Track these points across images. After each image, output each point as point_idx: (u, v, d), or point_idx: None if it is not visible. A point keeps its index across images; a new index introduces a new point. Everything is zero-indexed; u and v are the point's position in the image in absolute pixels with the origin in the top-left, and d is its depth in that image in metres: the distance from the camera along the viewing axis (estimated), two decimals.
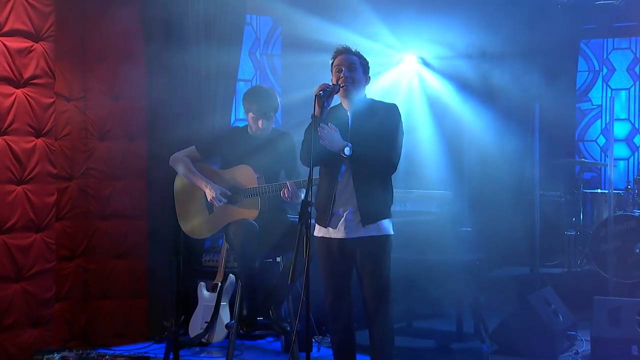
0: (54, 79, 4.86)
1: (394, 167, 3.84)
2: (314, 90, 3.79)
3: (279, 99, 4.80)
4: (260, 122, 4.66)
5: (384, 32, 6.72)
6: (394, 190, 3.97)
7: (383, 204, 3.86)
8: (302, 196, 4.40)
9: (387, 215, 3.87)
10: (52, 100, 4.84)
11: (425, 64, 7.08)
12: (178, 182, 4.87)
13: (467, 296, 5.50)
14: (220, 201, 4.63)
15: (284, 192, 4.43)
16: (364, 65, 3.92)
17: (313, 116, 3.69)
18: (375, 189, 3.82)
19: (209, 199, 4.66)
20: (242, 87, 6.60)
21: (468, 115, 7.04)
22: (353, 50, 3.91)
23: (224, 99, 5.85)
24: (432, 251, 5.46)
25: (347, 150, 3.73)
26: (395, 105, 3.92)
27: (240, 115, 6.67)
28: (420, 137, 6.75)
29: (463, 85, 7.01)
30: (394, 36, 6.85)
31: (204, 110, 5.71)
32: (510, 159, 7.04)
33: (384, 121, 3.83)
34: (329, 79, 3.95)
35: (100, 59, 5.48)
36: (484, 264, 5.76)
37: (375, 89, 6.01)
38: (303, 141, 3.85)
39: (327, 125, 3.74)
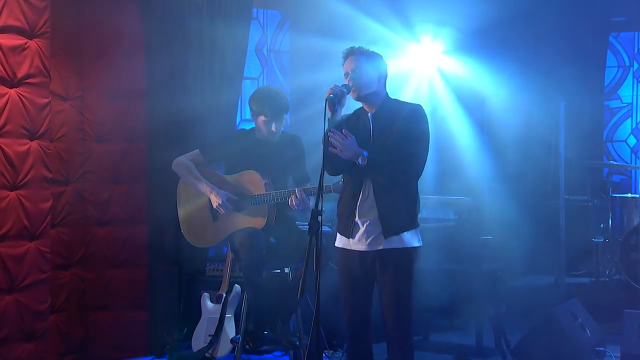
0: (49, 78, 4.85)
1: (417, 175, 3.81)
2: (325, 89, 3.79)
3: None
4: (273, 126, 4.66)
5: (400, 21, 6.69)
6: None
7: (407, 214, 3.81)
8: (312, 204, 4.43)
9: (411, 225, 3.83)
10: (48, 100, 4.84)
11: (445, 53, 7.03)
12: (181, 188, 4.89)
13: (487, 308, 5.52)
14: (225, 208, 4.64)
15: (291, 199, 4.43)
16: (371, 59, 3.87)
17: (326, 121, 3.66)
18: (398, 199, 3.78)
19: (214, 206, 4.67)
20: (248, 86, 6.66)
21: (488, 115, 7.02)
22: (355, 48, 3.89)
23: (229, 99, 5.87)
24: (450, 260, 5.50)
25: (360, 160, 3.71)
26: (420, 106, 3.88)
27: (246, 115, 6.70)
28: (441, 141, 6.73)
29: (483, 82, 6.98)
30: (411, 25, 6.81)
31: (207, 111, 5.72)
32: (533, 161, 7.02)
33: (408, 123, 3.77)
34: (342, 75, 3.94)
35: (98, 55, 5.49)
36: (505, 273, 5.78)
37: (392, 81, 6.02)
38: (323, 150, 3.79)
39: (342, 131, 3.70)
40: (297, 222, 4.91)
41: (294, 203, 4.43)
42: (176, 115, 5.60)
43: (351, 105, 3.94)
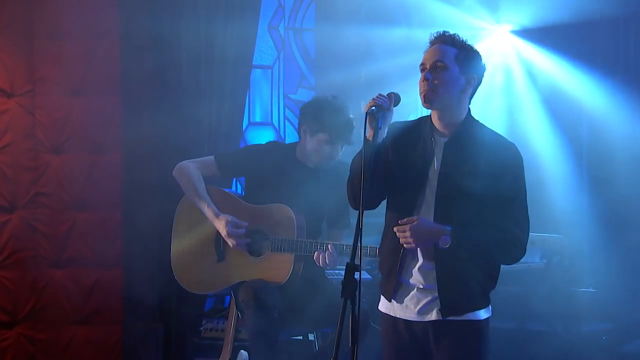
0: None
1: (523, 254, 3.65)
2: (365, 83, 3.69)
3: None
4: (338, 149, 4.64)
5: None
6: None
7: (480, 291, 3.67)
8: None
9: (482, 304, 3.66)
10: None
11: (526, 37, 6.88)
12: (184, 204, 4.84)
13: None
14: (239, 244, 4.56)
15: (320, 256, 4.38)
16: (465, 59, 3.60)
17: (364, 140, 3.48)
18: (470, 270, 3.61)
19: (222, 234, 4.61)
20: (258, 76, 6.65)
21: (591, 110, 6.83)
22: (449, 36, 3.64)
23: (233, 95, 5.85)
24: (535, 319, 5.49)
25: (442, 242, 3.53)
26: (515, 146, 3.67)
27: (256, 118, 6.70)
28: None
29: (582, 65, 6.80)
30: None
31: (205, 111, 5.75)
32: None
33: (504, 174, 3.57)
34: (382, 60, 3.79)
35: (54, 36, 5.54)
36: (614, 336, 5.71)
37: None
38: (350, 178, 3.66)
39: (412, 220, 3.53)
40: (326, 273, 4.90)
41: (327, 261, 4.38)
42: (162, 118, 5.60)
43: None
